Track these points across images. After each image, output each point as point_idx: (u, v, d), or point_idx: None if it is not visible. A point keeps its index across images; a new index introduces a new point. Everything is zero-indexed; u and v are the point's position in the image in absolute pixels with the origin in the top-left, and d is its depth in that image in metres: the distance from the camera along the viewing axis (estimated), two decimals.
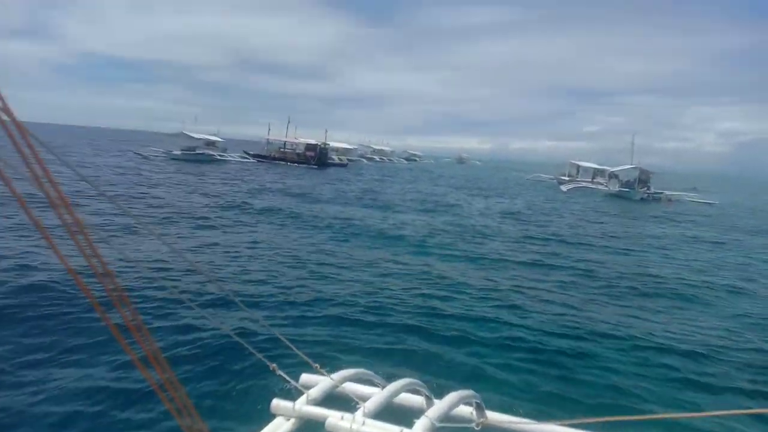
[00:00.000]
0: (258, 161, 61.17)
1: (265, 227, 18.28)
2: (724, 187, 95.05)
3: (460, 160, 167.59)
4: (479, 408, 1.90)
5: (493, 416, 1.89)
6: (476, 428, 1.80)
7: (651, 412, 6.51)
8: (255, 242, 15.31)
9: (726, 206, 47.34)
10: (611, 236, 22.80)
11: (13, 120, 1.03)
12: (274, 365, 1.90)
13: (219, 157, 55.86)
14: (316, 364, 2.02)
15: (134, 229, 14.24)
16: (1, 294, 8.84)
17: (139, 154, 54.61)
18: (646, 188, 48.48)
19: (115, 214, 16.26)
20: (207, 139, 57.18)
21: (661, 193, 48.23)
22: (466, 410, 1.93)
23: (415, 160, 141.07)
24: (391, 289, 11.20)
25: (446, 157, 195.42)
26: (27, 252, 11.20)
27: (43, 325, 7.77)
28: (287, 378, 1.87)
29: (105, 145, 78.18)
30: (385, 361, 7.35)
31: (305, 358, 2.02)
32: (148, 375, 1.37)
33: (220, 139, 59.47)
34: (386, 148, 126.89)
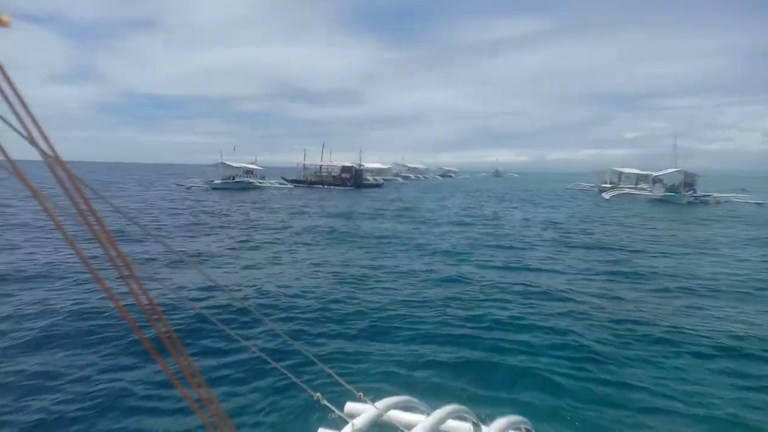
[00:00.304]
0: (295, 186, 62.40)
1: (307, 248, 18.51)
2: None
3: (497, 174, 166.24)
4: None
5: None
6: None
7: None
8: (297, 265, 15.46)
9: None
10: (663, 241, 21.96)
11: (63, 166, 1.08)
12: (318, 395, 1.88)
13: (258, 184, 57.29)
14: (360, 393, 1.99)
15: (175, 260, 14.63)
16: (59, 316, 9.51)
17: (181, 185, 56.57)
18: (692, 191, 46.81)
19: (162, 251, 16.81)
20: (245, 167, 58.88)
21: (709, 195, 46.29)
22: None
23: (451, 176, 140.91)
24: (439, 308, 11.02)
25: (482, 172, 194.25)
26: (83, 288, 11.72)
27: (90, 344, 8.25)
28: (332, 408, 1.85)
29: (150, 178, 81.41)
30: (431, 385, 7.19)
31: (348, 386, 1.97)
32: (185, 393, 1.38)
33: (258, 167, 61.09)
34: (421, 166, 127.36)
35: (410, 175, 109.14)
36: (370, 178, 70.88)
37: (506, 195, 59.93)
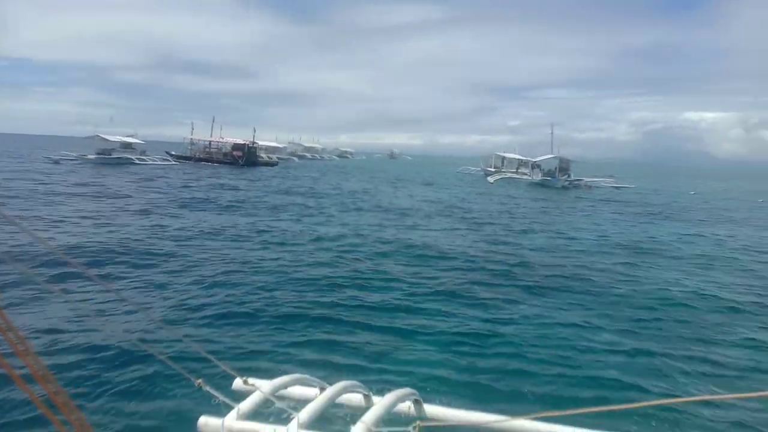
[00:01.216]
0: (181, 162, 58.49)
1: (185, 232, 17.35)
2: (637, 172, 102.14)
3: (392, 156, 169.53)
4: (418, 404, 1.91)
5: (433, 411, 1.90)
6: (413, 429, 1.73)
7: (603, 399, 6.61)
8: (174, 250, 14.37)
9: (640, 190, 50.78)
10: (540, 221, 23.74)
11: None
12: (200, 380, 1.76)
13: (138, 161, 52.82)
14: (245, 377, 1.89)
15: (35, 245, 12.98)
16: None
17: (50, 158, 50.57)
18: (566, 176, 51.09)
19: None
20: (123, 141, 53.94)
21: (581, 180, 50.91)
22: (404, 408, 1.91)
23: (347, 157, 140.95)
24: (321, 289, 10.91)
25: (378, 153, 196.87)
26: None
27: None
28: (215, 393, 1.74)
29: (11, 151, 71.88)
30: (323, 363, 7.07)
31: (230, 371, 1.88)
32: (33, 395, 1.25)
33: (138, 141, 56.32)
34: (317, 146, 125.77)
35: (306, 154, 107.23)
36: (263, 156, 68.50)
37: (400, 177, 61.27)
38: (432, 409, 1.91)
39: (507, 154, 68.25)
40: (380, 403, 1.74)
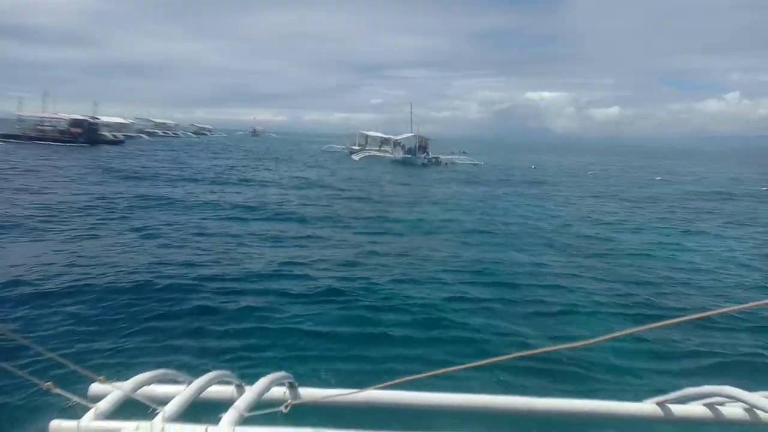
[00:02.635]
0: (7, 142, 50.45)
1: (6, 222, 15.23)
2: (486, 149, 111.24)
3: (255, 133, 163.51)
4: (292, 387, 1.86)
5: (307, 393, 1.86)
6: (285, 409, 1.74)
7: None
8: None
9: (488, 165, 55.50)
10: (406, 198, 24.90)
11: None
12: (49, 383, 1.51)
13: None
14: (101, 376, 1.70)
15: None
16: None
17: None
18: (426, 154, 53.86)
19: None
20: None
21: (438, 157, 54.09)
22: (278, 392, 1.86)
23: (206, 134, 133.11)
24: (180, 273, 10.46)
25: (240, 130, 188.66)
26: None
27: None
28: (68, 395, 1.50)
29: None
30: (186, 356, 6.83)
31: (84, 371, 1.63)
32: None
33: None
34: (170, 122, 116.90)
35: (157, 131, 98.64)
36: (107, 134, 61.68)
37: (264, 156, 59.59)
38: (307, 392, 1.86)
39: (370, 133, 69.84)
40: (252, 389, 1.70)
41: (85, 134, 54.65)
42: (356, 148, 65.26)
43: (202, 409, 1.67)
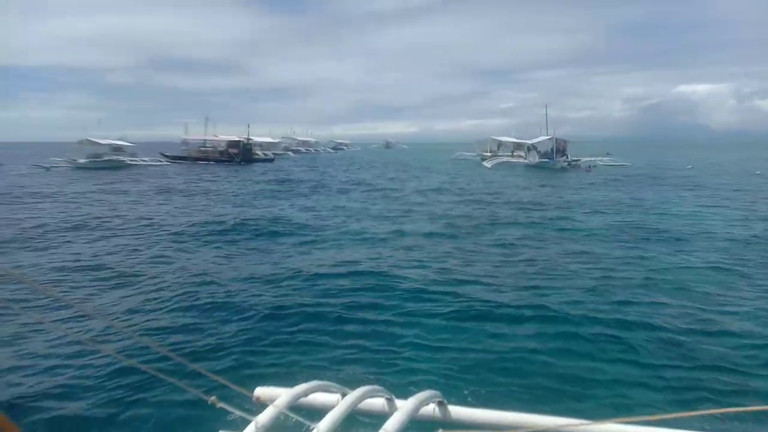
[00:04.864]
0: (175, 163, 57.92)
1: (177, 239, 16.92)
2: (633, 149, 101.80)
3: (388, 145, 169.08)
4: (442, 406, 1.88)
5: (457, 412, 1.88)
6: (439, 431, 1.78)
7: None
8: (159, 261, 13.68)
9: (637, 167, 50.41)
10: (545, 204, 23.34)
11: None
12: (213, 397, 1.70)
13: (130, 162, 52.27)
14: (261, 388, 1.93)
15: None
16: None
17: (39, 165, 49.98)
18: (564, 157, 50.51)
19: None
20: (113, 143, 53.36)
21: (578, 159, 50.43)
22: (428, 410, 1.88)
23: (343, 149, 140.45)
24: (329, 288, 10.45)
25: (373, 143, 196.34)
26: None
27: None
28: (229, 408, 1.66)
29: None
30: (341, 369, 6.74)
31: (241, 389, 1.81)
32: None
33: (128, 143, 55.75)
34: (311, 139, 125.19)
35: (301, 148, 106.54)
36: (259, 152, 67.90)
37: (398, 167, 60.74)
38: (457, 411, 1.89)
39: (503, 138, 67.78)
40: (403, 408, 1.71)
41: (241, 154, 60.39)
42: (488, 154, 63.69)
43: (353, 422, 1.73)
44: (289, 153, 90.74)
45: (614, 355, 7.15)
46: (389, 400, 1.92)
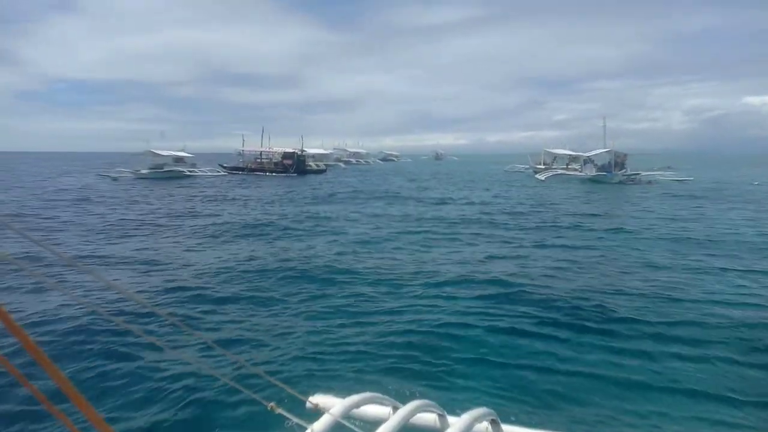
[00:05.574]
0: (232, 173, 59.99)
1: (240, 245, 17.42)
2: (695, 163, 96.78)
3: (437, 157, 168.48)
4: (495, 425, 1.85)
5: (509, 431, 1.86)
6: None
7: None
8: (219, 263, 14.37)
9: (701, 182, 47.88)
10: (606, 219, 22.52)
11: None
12: (272, 404, 1.73)
13: (189, 173, 54.57)
14: (316, 396, 1.94)
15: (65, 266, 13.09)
16: None
17: (105, 175, 53.00)
18: (623, 171, 48.52)
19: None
20: (174, 155, 55.92)
21: (638, 173, 48.37)
22: (481, 429, 1.85)
23: (393, 160, 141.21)
24: (382, 299, 10.52)
25: (423, 155, 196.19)
26: None
27: None
28: (287, 415, 1.70)
29: (71, 169, 76.05)
30: (393, 382, 6.72)
31: (298, 395, 1.85)
32: None
33: (188, 155, 58.26)
34: (362, 151, 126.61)
35: (351, 159, 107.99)
36: (312, 164, 69.28)
37: (447, 179, 60.36)
38: (511, 430, 1.87)
39: (557, 150, 66.03)
40: (455, 426, 1.68)
41: (295, 165, 61.79)
42: (541, 167, 62.13)
43: None
44: (341, 164, 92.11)
45: (682, 380, 6.76)
46: (441, 416, 1.91)
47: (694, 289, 11.03)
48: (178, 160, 55.90)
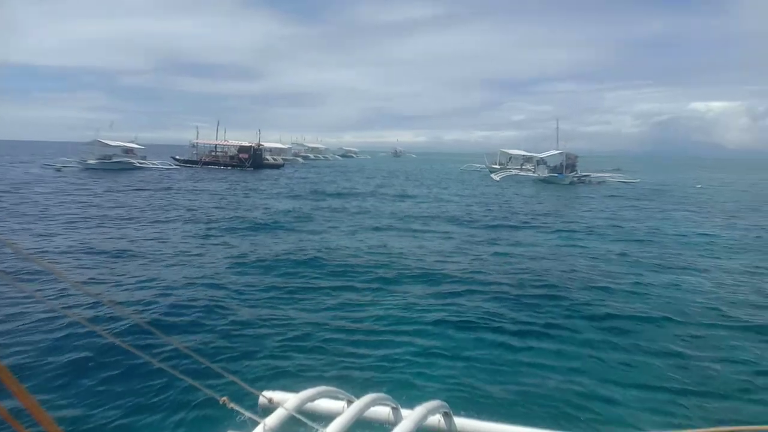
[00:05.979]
0: (185, 167, 58.23)
1: (185, 240, 16.94)
2: (643, 166, 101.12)
3: (396, 154, 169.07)
4: (448, 417, 1.87)
5: (463, 423, 1.88)
6: None
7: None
8: (168, 258, 13.99)
9: (646, 184, 50.00)
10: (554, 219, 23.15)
11: None
12: (225, 398, 1.70)
13: (139, 165, 52.64)
14: (269, 392, 1.92)
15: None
16: None
17: (49, 165, 50.46)
18: (574, 172, 50.05)
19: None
20: (124, 146, 53.83)
21: (588, 175, 50.01)
22: (434, 421, 1.87)
23: (352, 157, 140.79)
24: (343, 295, 10.50)
25: (382, 152, 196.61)
26: None
27: None
28: (239, 409, 1.66)
29: (13, 159, 72.05)
30: (347, 376, 6.75)
31: (252, 389, 1.82)
32: None
33: (139, 146, 56.23)
34: (320, 146, 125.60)
35: (310, 155, 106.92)
36: (269, 158, 67.97)
37: (406, 178, 60.71)
38: (463, 422, 1.87)
39: (512, 150, 67.47)
40: (409, 418, 1.69)
41: (252, 159, 60.39)
42: (496, 167, 63.33)
43: (358, 430, 1.72)
44: (299, 159, 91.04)
45: (623, 371, 7.06)
46: (395, 409, 1.92)
47: (633, 284, 11.59)
48: (128, 151, 53.82)
